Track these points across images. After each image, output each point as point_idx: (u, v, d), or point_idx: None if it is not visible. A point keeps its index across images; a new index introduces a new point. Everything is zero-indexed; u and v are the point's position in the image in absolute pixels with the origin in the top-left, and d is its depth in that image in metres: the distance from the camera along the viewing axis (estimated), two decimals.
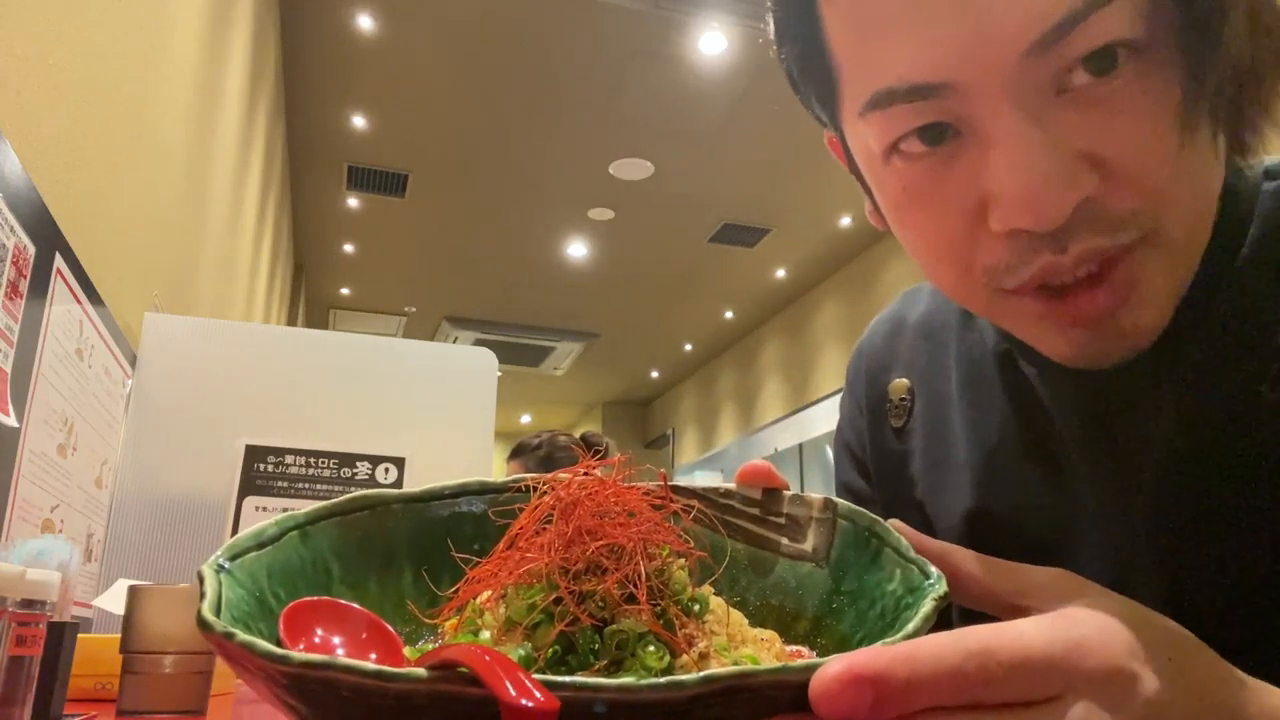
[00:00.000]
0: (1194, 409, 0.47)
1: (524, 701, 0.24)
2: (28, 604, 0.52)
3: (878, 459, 0.68)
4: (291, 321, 6.78)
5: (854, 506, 0.43)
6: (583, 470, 0.40)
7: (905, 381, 0.66)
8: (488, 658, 0.26)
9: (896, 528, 0.40)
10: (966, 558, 0.40)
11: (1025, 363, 0.56)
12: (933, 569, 0.36)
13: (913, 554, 0.38)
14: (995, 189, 0.42)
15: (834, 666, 0.27)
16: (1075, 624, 0.31)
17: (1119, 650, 0.30)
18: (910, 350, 0.67)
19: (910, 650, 0.27)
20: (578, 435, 2.57)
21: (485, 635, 0.35)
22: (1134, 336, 0.45)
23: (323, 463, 1.32)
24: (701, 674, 0.26)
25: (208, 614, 0.31)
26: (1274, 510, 0.45)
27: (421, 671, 0.26)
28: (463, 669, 0.26)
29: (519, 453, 2.46)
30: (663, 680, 0.26)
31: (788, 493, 0.45)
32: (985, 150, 0.42)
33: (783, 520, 0.44)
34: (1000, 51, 0.39)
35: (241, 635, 0.29)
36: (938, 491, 0.61)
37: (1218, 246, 0.47)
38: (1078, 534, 0.53)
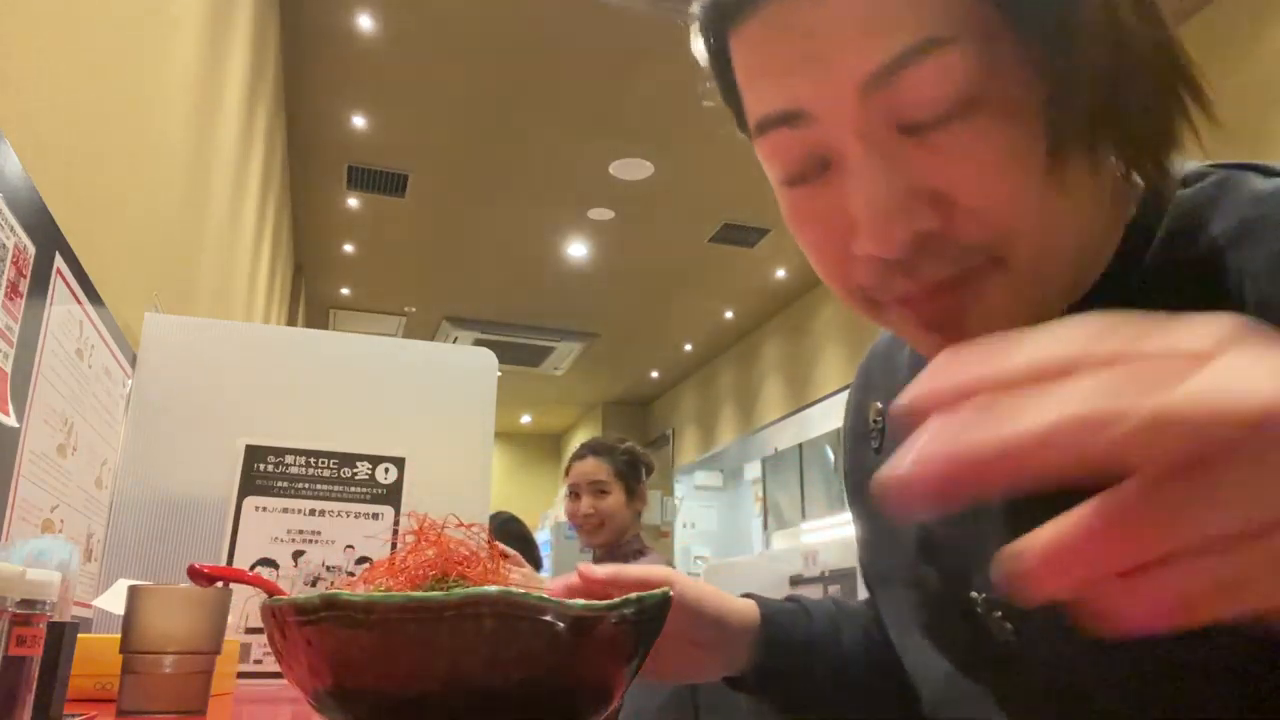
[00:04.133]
0: None
1: None
2: (28, 604, 0.52)
3: (857, 475, 0.73)
4: (291, 321, 6.78)
5: None
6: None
7: (878, 404, 0.70)
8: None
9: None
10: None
11: None
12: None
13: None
14: (853, 217, 0.47)
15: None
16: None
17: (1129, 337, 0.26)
18: (880, 374, 0.72)
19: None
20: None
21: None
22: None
23: (323, 463, 1.32)
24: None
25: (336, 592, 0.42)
26: None
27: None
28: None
29: (602, 451, 2.49)
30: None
31: None
32: (846, 180, 0.47)
33: None
34: (841, 86, 0.45)
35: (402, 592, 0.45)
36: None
37: (1129, 247, 0.50)
38: (986, 521, 0.54)
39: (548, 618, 0.42)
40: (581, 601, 0.44)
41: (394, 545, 1.28)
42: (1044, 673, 0.51)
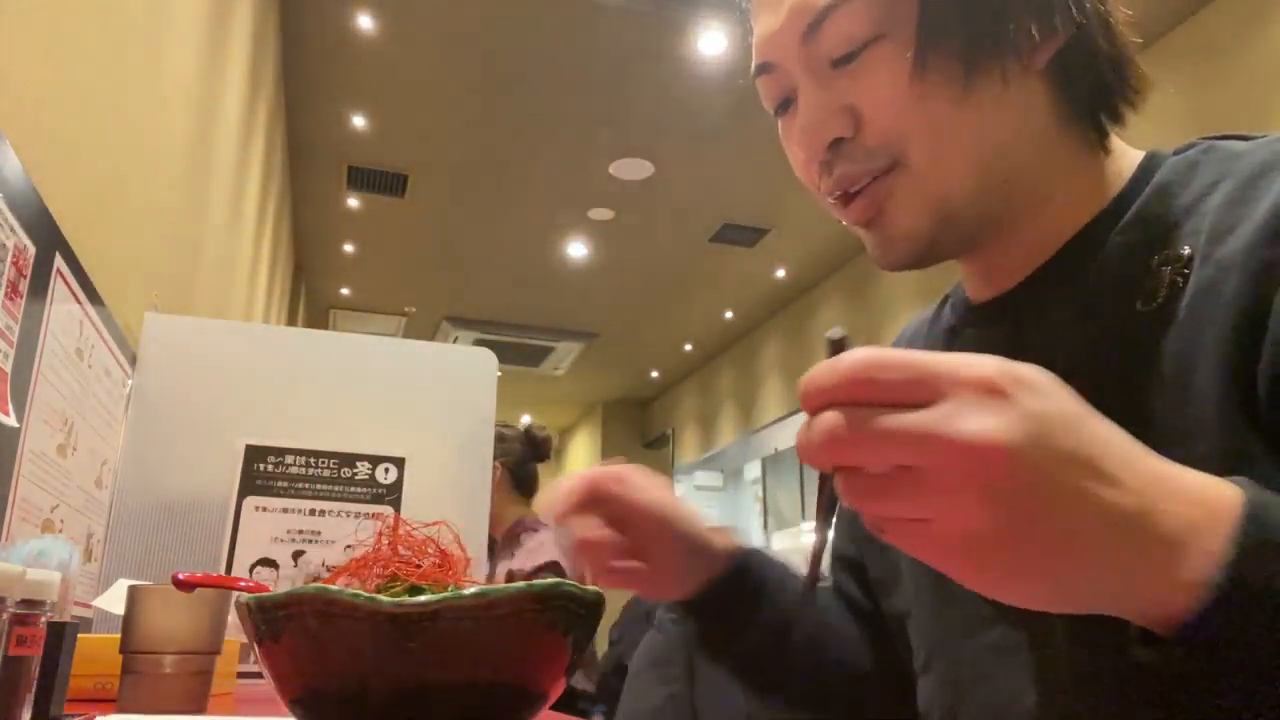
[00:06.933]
0: (1084, 329, 0.58)
1: None
2: (28, 604, 0.52)
3: None
4: (291, 321, 6.77)
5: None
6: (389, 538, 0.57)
7: None
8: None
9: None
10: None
11: (965, 328, 0.68)
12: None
13: None
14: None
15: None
16: (963, 355, 0.37)
17: (993, 369, 0.35)
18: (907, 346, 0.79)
19: (825, 365, 0.37)
20: (526, 428, 2.72)
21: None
22: (900, 238, 0.60)
23: (323, 463, 1.32)
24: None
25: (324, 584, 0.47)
26: (1153, 416, 0.52)
27: None
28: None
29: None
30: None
31: None
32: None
33: None
34: (788, 40, 0.60)
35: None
36: None
37: (1114, 206, 0.60)
38: None
39: (365, 615, 0.45)
40: (408, 599, 0.46)
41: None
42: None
